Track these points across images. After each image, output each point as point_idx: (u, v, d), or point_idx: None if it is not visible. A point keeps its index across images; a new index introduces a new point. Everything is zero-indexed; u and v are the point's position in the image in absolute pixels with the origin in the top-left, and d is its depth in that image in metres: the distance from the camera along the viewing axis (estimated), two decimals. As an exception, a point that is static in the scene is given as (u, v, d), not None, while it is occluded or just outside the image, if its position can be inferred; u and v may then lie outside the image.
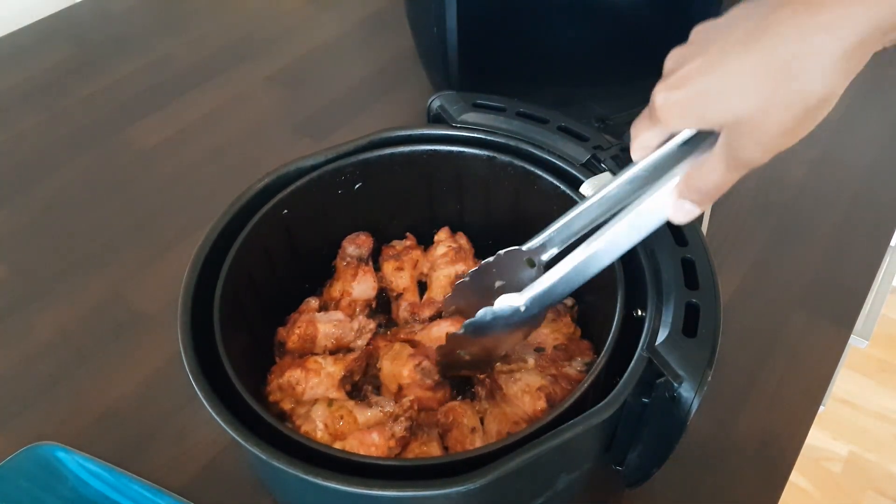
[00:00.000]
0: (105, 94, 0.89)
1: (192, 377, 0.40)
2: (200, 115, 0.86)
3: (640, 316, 0.44)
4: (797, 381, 0.58)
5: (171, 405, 0.58)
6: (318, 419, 0.46)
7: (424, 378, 0.49)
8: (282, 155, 0.54)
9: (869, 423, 1.44)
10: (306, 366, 0.50)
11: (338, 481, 0.36)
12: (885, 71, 0.86)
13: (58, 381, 0.60)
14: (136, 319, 0.64)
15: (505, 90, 0.59)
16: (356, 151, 0.54)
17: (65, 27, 1.00)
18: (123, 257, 0.70)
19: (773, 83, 0.31)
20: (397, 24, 0.90)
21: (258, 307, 0.52)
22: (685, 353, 0.40)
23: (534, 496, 0.43)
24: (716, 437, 0.55)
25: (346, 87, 0.90)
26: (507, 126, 0.55)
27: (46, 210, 0.75)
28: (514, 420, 0.47)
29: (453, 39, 0.70)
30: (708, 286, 0.43)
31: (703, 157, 0.37)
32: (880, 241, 0.70)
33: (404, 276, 0.57)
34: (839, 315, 0.63)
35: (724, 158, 0.35)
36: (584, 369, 0.49)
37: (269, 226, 0.51)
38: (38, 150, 0.82)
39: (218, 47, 0.96)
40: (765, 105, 0.32)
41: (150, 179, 0.78)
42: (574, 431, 0.38)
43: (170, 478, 0.53)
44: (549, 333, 0.53)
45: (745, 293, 0.65)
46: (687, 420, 0.39)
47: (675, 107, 0.35)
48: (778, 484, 0.52)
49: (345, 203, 0.55)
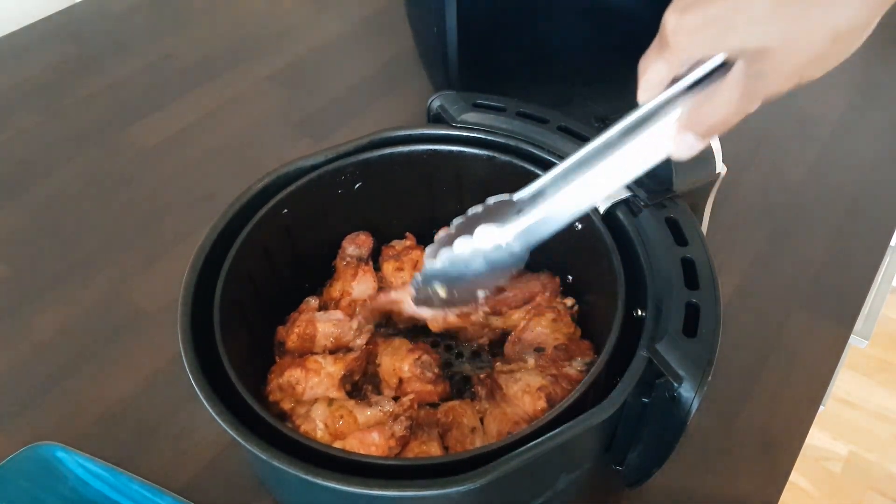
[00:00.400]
0: (105, 94, 0.89)
1: (192, 377, 0.40)
2: (200, 115, 0.86)
3: (640, 316, 0.44)
4: (797, 381, 0.58)
5: (171, 405, 0.58)
6: (318, 419, 0.46)
7: (424, 372, 0.49)
8: (282, 155, 0.54)
9: (869, 423, 1.44)
10: (306, 365, 0.50)
11: (338, 481, 0.36)
12: (885, 71, 0.86)
13: (58, 381, 0.60)
14: (136, 319, 0.64)
15: (505, 90, 0.59)
16: (356, 151, 0.54)
17: (65, 27, 1.00)
18: (123, 257, 0.70)
19: (801, 7, 0.29)
20: (397, 24, 0.90)
21: (258, 307, 0.52)
22: (685, 353, 0.40)
23: (534, 496, 0.43)
24: (716, 437, 0.55)
25: (346, 87, 0.90)
26: (507, 126, 0.55)
27: (46, 210, 0.75)
28: (515, 420, 0.47)
29: (453, 39, 0.70)
30: (708, 286, 0.43)
31: (712, 87, 0.34)
32: (880, 241, 0.70)
33: (404, 276, 0.57)
34: (839, 315, 0.63)
35: (739, 87, 0.32)
36: (585, 369, 0.49)
37: (269, 226, 0.51)
38: (38, 150, 0.82)
39: (218, 47, 0.96)
40: (791, 30, 0.29)
41: (150, 179, 0.78)
42: (574, 431, 0.38)
43: (170, 478, 0.53)
44: (549, 333, 0.53)
45: (745, 293, 0.65)
46: (687, 420, 0.39)
47: (690, 31, 0.32)
48: (778, 484, 0.52)
49: (345, 203, 0.55)
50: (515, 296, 0.56)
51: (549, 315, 0.53)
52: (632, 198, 0.49)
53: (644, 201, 0.48)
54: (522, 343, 0.52)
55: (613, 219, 0.49)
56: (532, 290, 0.56)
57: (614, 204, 0.49)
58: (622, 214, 0.49)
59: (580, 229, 0.50)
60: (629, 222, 0.48)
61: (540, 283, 0.56)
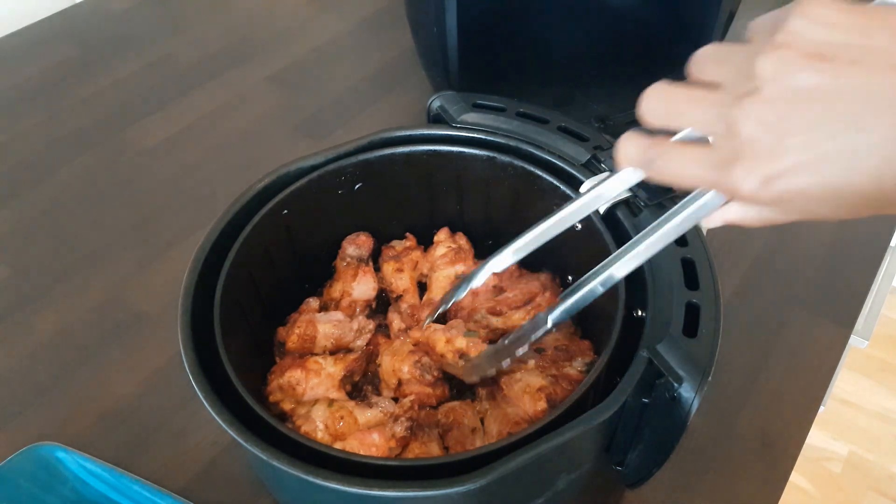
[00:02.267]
0: (105, 94, 0.89)
1: (192, 377, 0.40)
2: (200, 115, 0.86)
3: (640, 316, 0.44)
4: (797, 381, 0.58)
5: (171, 405, 0.58)
6: (318, 419, 0.46)
7: (424, 374, 0.49)
8: (282, 155, 0.54)
9: (869, 423, 1.44)
10: (306, 366, 0.50)
11: (338, 481, 0.36)
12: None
13: (58, 381, 0.60)
14: (136, 319, 0.64)
15: (505, 90, 0.59)
16: (356, 151, 0.54)
17: (65, 27, 1.00)
18: (123, 257, 0.70)
19: None
20: (397, 24, 0.90)
21: (258, 307, 0.52)
22: (685, 353, 0.40)
23: (534, 496, 0.43)
24: (716, 437, 0.55)
25: (346, 87, 0.90)
26: (507, 126, 0.55)
27: (46, 210, 0.75)
28: (515, 420, 0.47)
29: (453, 39, 0.70)
30: (708, 286, 0.43)
31: None
32: (880, 241, 0.70)
33: (404, 277, 0.57)
34: (839, 315, 0.63)
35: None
36: (585, 369, 0.49)
37: (270, 226, 0.51)
38: (38, 150, 0.82)
39: (218, 47, 0.96)
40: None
41: (150, 179, 0.78)
42: (574, 432, 0.38)
43: (170, 478, 0.53)
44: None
45: (745, 293, 0.65)
46: (687, 420, 0.39)
47: (777, 199, 0.28)
48: (778, 484, 0.52)
49: (345, 203, 0.55)
50: (515, 296, 0.55)
51: (548, 315, 0.53)
52: (632, 198, 0.49)
53: (644, 201, 0.48)
54: (522, 343, 0.52)
55: (613, 219, 0.49)
56: (532, 290, 0.56)
57: (614, 204, 0.49)
58: (622, 214, 0.49)
59: (580, 229, 0.50)
60: (629, 222, 0.48)
61: (540, 283, 0.56)
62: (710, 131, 0.30)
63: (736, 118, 0.28)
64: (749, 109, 0.28)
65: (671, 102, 0.31)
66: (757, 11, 0.30)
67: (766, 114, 0.27)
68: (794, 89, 0.27)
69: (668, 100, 0.31)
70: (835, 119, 0.26)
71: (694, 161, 0.31)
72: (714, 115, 0.29)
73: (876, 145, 0.26)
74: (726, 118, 0.28)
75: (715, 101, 0.29)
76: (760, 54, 0.27)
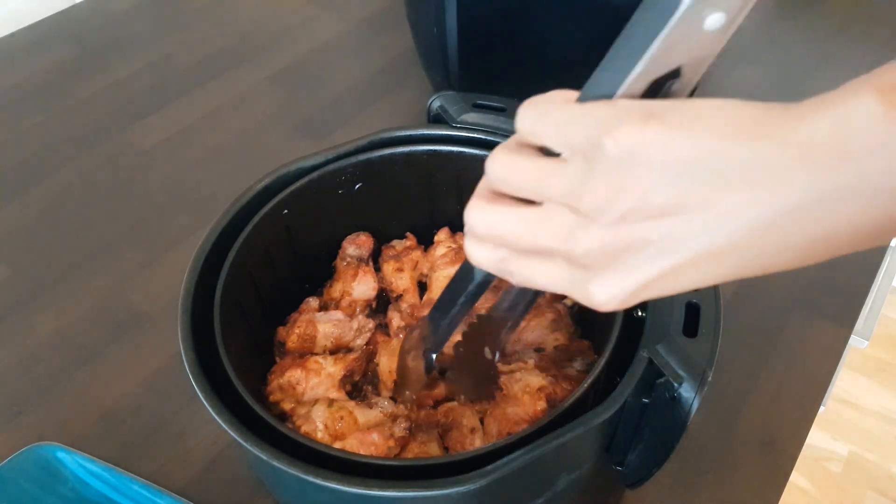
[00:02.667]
0: (105, 94, 0.89)
1: (192, 377, 0.40)
2: (200, 115, 0.86)
3: (640, 316, 0.44)
4: (797, 381, 0.58)
5: (171, 405, 0.57)
6: (318, 419, 0.46)
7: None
8: (282, 155, 0.54)
9: (869, 423, 1.44)
10: (306, 366, 0.50)
11: (338, 481, 0.36)
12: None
13: (58, 381, 0.60)
14: (136, 319, 0.64)
15: (505, 90, 0.59)
16: (356, 151, 0.54)
17: (65, 27, 1.00)
18: (123, 257, 0.70)
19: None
20: (397, 24, 0.90)
21: (258, 307, 0.52)
22: (685, 353, 0.40)
23: (534, 496, 0.43)
24: (716, 437, 0.55)
25: (346, 87, 0.90)
26: (507, 126, 0.55)
27: (46, 210, 0.75)
28: (515, 420, 0.47)
29: (453, 39, 0.70)
30: (708, 286, 0.43)
31: None
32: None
33: (404, 277, 0.57)
34: (839, 315, 0.63)
35: None
36: (585, 369, 0.49)
37: (270, 226, 0.51)
38: (38, 150, 0.82)
39: (218, 47, 0.96)
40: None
41: (150, 179, 0.78)
42: (574, 432, 0.38)
43: (170, 478, 0.53)
44: (549, 333, 0.53)
45: (745, 293, 0.65)
46: (687, 420, 0.39)
47: (628, 299, 0.28)
48: (778, 484, 0.52)
49: (345, 203, 0.55)
50: (515, 296, 0.55)
51: (549, 315, 0.53)
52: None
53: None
54: (522, 343, 0.52)
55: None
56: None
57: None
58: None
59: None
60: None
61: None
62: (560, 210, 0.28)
63: (578, 240, 0.27)
64: (588, 233, 0.27)
65: (516, 177, 0.30)
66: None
67: (604, 239, 0.27)
68: (626, 216, 0.26)
69: (514, 173, 0.30)
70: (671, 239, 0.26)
71: (546, 276, 0.30)
72: (560, 209, 0.28)
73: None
74: (572, 231, 0.28)
75: (559, 194, 0.28)
76: (591, 180, 0.27)
